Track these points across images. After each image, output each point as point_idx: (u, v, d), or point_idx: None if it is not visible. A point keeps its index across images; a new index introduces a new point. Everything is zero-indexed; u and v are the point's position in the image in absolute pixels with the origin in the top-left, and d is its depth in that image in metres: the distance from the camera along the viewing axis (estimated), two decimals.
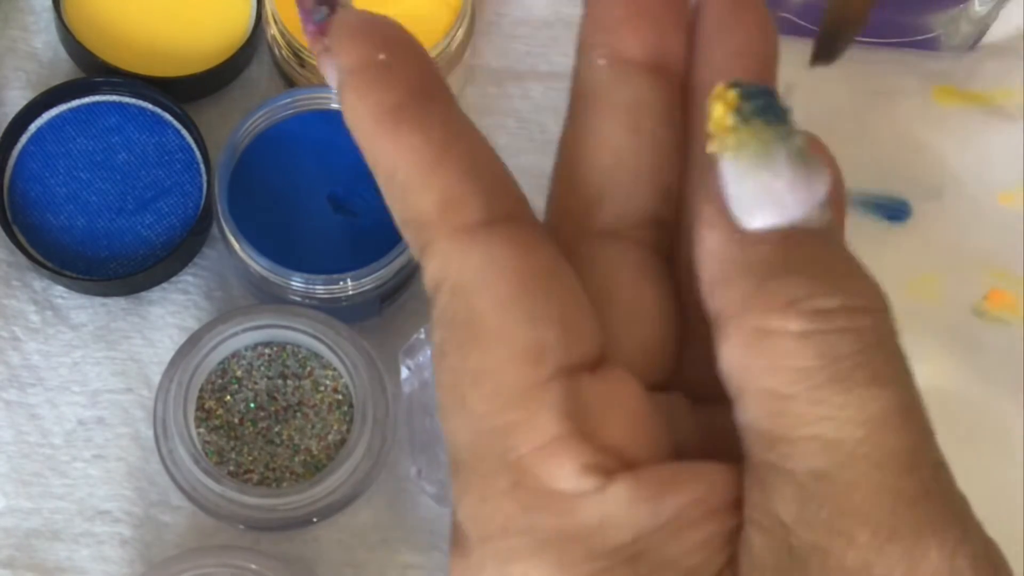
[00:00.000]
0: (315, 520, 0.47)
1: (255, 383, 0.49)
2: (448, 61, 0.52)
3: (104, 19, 0.53)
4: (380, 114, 0.24)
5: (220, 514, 0.47)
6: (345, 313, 0.49)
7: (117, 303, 0.52)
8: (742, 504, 0.23)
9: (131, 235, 0.51)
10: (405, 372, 0.48)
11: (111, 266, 0.51)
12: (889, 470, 0.22)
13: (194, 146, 0.52)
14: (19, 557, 0.49)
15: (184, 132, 0.52)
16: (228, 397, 0.49)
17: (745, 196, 0.23)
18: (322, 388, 0.49)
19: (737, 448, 0.24)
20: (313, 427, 0.48)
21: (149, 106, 0.52)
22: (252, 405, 0.49)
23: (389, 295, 0.50)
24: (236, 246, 0.49)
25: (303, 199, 0.50)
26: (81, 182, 0.51)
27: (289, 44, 0.52)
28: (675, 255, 0.27)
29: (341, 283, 0.48)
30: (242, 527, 0.47)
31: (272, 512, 0.47)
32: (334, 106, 0.51)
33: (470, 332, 0.23)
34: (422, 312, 0.53)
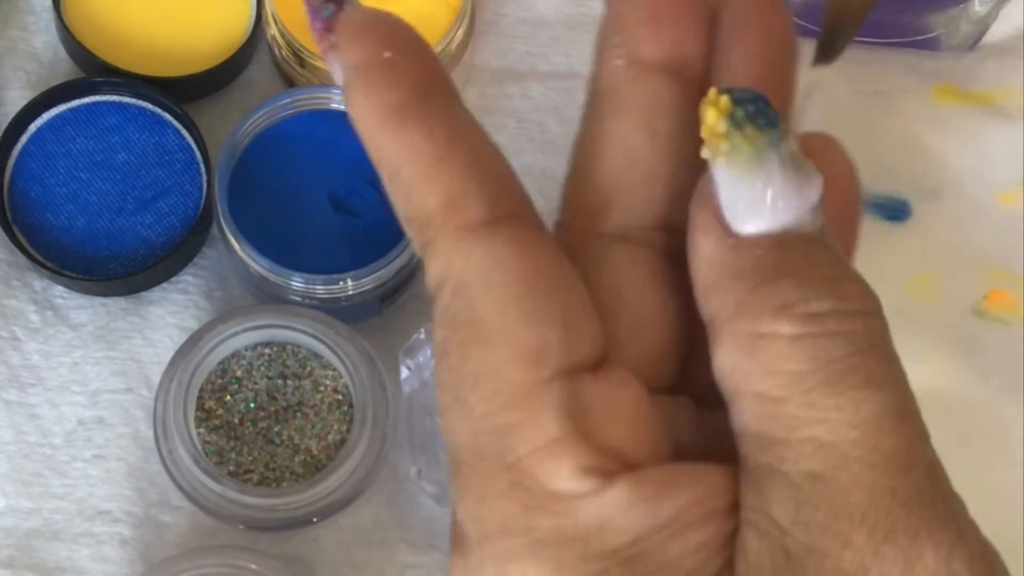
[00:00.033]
0: (315, 520, 0.47)
1: (255, 383, 0.49)
2: (448, 61, 0.52)
3: (104, 19, 0.53)
4: (385, 112, 0.24)
5: (220, 514, 0.47)
6: (345, 313, 0.49)
7: (117, 303, 0.52)
8: (740, 507, 0.23)
9: (131, 235, 0.51)
10: (405, 372, 0.48)
11: (111, 266, 0.51)
12: (883, 471, 0.22)
13: (194, 146, 0.52)
14: (19, 557, 0.49)
15: (184, 132, 0.52)
16: (228, 397, 0.49)
17: (738, 201, 0.23)
18: (322, 388, 0.49)
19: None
20: (313, 427, 0.48)
21: (149, 106, 0.52)
22: (252, 405, 0.49)
23: (389, 295, 0.50)
24: (236, 246, 0.49)
25: (303, 199, 0.50)
26: (81, 182, 0.51)
27: (289, 44, 0.52)
28: (686, 260, 0.27)
29: (341, 283, 0.48)
30: (242, 527, 0.47)
31: (272, 512, 0.47)
32: (334, 106, 0.51)
33: (471, 332, 0.23)
34: (422, 312, 0.53)
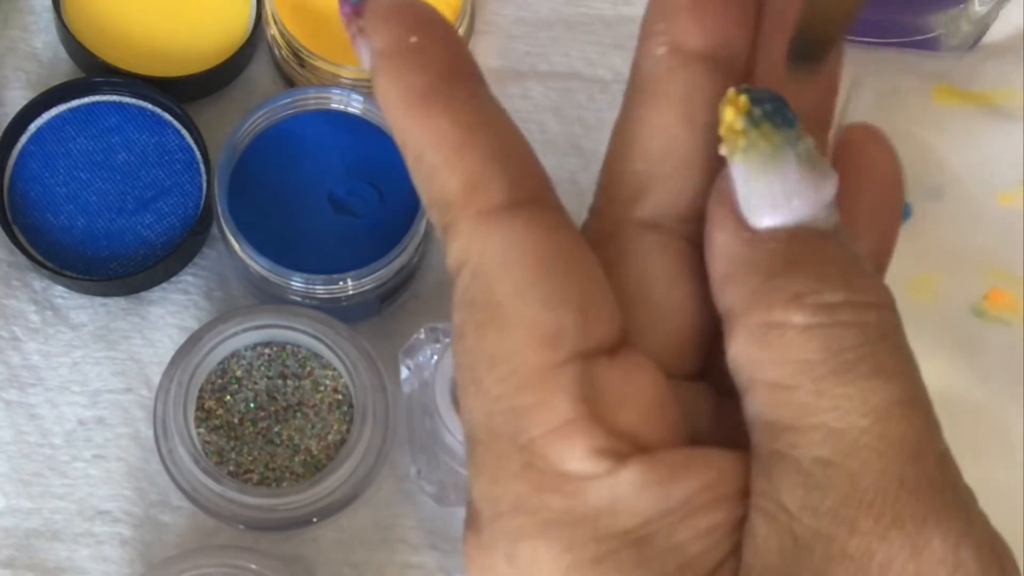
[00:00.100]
0: (315, 520, 0.47)
1: (255, 383, 0.49)
2: None
3: (104, 19, 0.53)
4: (410, 97, 0.24)
5: (220, 514, 0.47)
6: (345, 313, 0.49)
7: (117, 303, 0.52)
8: (750, 493, 0.23)
9: (131, 235, 0.51)
10: (405, 372, 0.48)
11: (111, 266, 0.51)
12: (892, 459, 0.22)
13: (194, 146, 0.52)
14: (19, 557, 0.49)
15: (184, 132, 0.52)
16: (228, 397, 0.49)
17: (754, 196, 0.23)
18: (322, 388, 0.49)
19: None
20: (313, 427, 0.48)
21: (149, 106, 0.52)
22: (252, 405, 0.49)
23: (389, 295, 0.50)
24: (236, 246, 0.49)
25: (303, 199, 0.50)
26: (81, 182, 0.51)
27: (289, 44, 0.52)
28: None
29: (341, 283, 0.48)
30: (242, 527, 0.47)
31: (272, 512, 0.47)
32: (334, 106, 0.51)
33: (488, 314, 0.23)
34: (422, 312, 0.53)
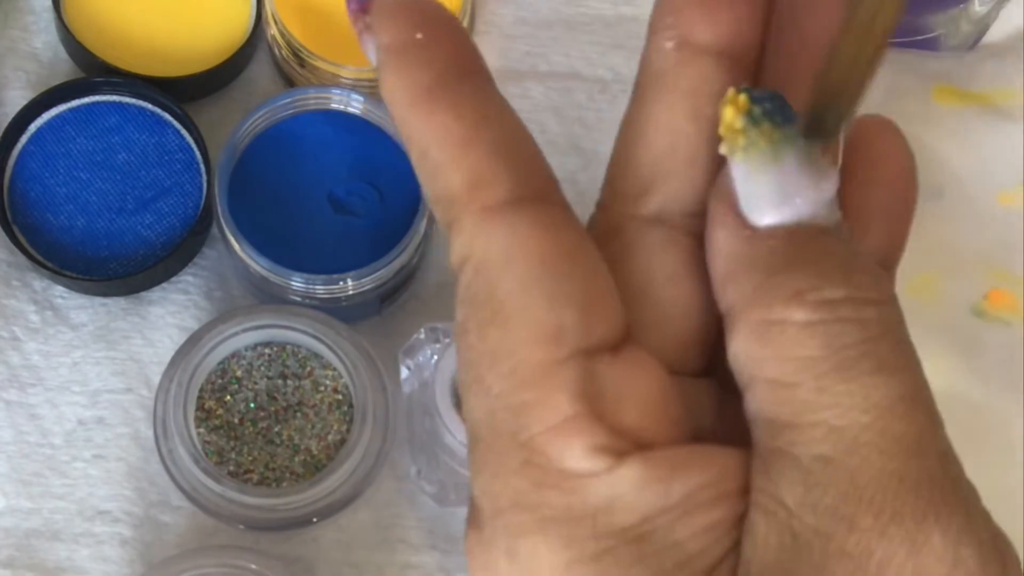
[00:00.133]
0: (315, 520, 0.47)
1: (255, 383, 0.49)
2: None
3: (104, 19, 0.53)
4: (415, 93, 0.24)
5: (220, 514, 0.47)
6: (345, 313, 0.49)
7: (117, 303, 0.52)
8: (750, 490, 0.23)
9: (131, 235, 0.51)
10: (405, 372, 0.48)
11: (111, 266, 0.51)
12: (893, 456, 0.22)
13: (194, 146, 0.52)
14: (19, 557, 0.49)
15: (184, 132, 0.52)
16: (228, 397, 0.49)
17: (754, 194, 0.23)
18: (322, 388, 0.49)
19: None
20: (313, 427, 0.48)
21: (149, 106, 0.52)
22: (252, 405, 0.49)
23: (389, 295, 0.50)
24: (236, 246, 0.49)
25: (303, 199, 0.50)
26: (81, 182, 0.51)
27: (289, 44, 0.52)
28: None
29: (341, 283, 0.48)
30: (242, 527, 0.47)
31: (272, 512, 0.47)
32: (334, 106, 0.51)
33: (490, 311, 0.23)
34: (422, 312, 0.53)
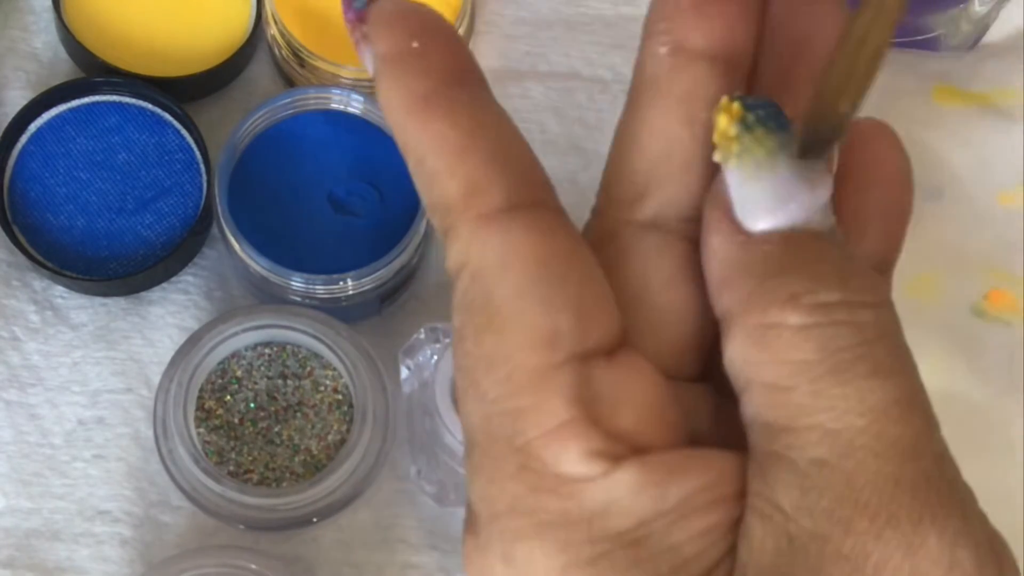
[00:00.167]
0: (315, 520, 0.47)
1: (255, 383, 0.49)
2: None
3: (104, 19, 0.53)
4: (411, 101, 0.24)
5: (220, 514, 0.47)
6: (345, 313, 0.49)
7: (117, 303, 0.52)
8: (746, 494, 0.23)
9: (131, 235, 0.51)
10: (405, 372, 0.48)
11: (111, 266, 0.51)
12: (889, 459, 0.22)
13: (194, 146, 0.52)
14: (19, 557, 0.49)
15: (184, 132, 0.52)
16: (228, 397, 0.49)
17: (749, 200, 0.23)
18: (322, 388, 0.49)
19: None
20: (313, 427, 0.48)
21: (149, 106, 0.52)
22: (252, 405, 0.49)
23: (389, 295, 0.50)
24: (236, 246, 0.49)
25: (303, 199, 0.50)
26: (81, 182, 0.51)
27: (289, 44, 0.52)
28: None
29: (341, 283, 0.48)
30: (242, 527, 0.47)
31: (272, 512, 0.47)
32: (334, 106, 0.51)
33: (486, 317, 0.23)
34: (422, 312, 0.53)
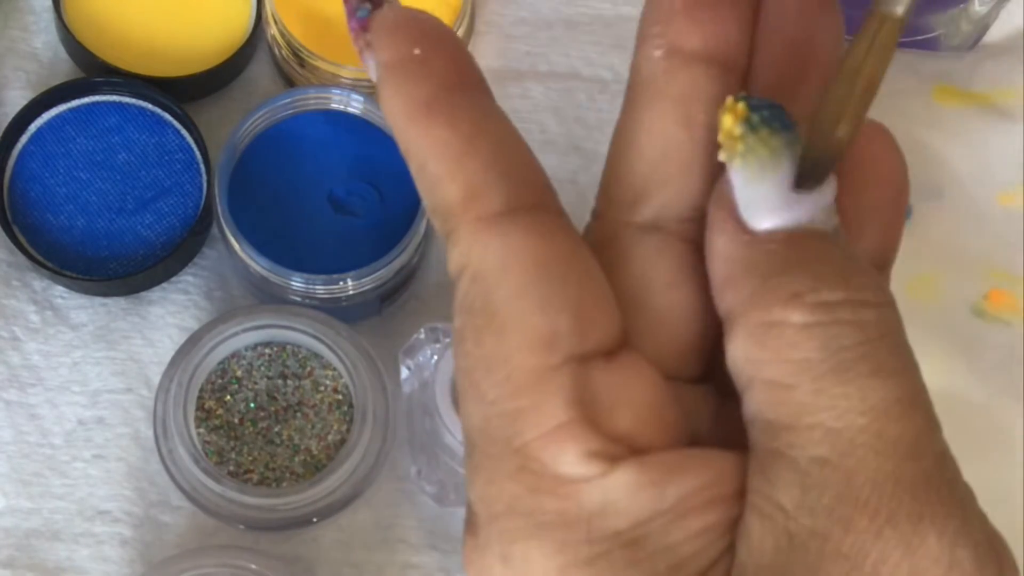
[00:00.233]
0: (315, 520, 0.47)
1: (255, 383, 0.49)
2: None
3: (104, 19, 0.53)
4: (412, 108, 0.24)
5: (220, 514, 0.47)
6: (345, 313, 0.49)
7: (117, 303, 0.52)
8: (746, 493, 0.23)
9: (131, 235, 0.51)
10: (405, 372, 0.48)
11: (111, 266, 0.51)
12: (889, 458, 0.22)
13: (194, 146, 0.52)
14: (19, 557, 0.49)
15: (184, 132, 0.52)
16: (228, 397, 0.49)
17: (753, 200, 0.24)
18: (322, 388, 0.49)
19: None
20: (313, 427, 0.48)
21: (149, 106, 0.52)
22: (252, 405, 0.49)
23: (389, 295, 0.50)
24: (236, 246, 0.49)
25: (303, 199, 0.50)
26: (81, 182, 0.51)
27: (289, 44, 0.52)
28: None
29: (341, 283, 0.48)
30: (242, 527, 0.47)
31: (272, 512, 0.47)
32: (334, 106, 0.51)
33: (486, 319, 0.23)
34: (422, 312, 0.53)
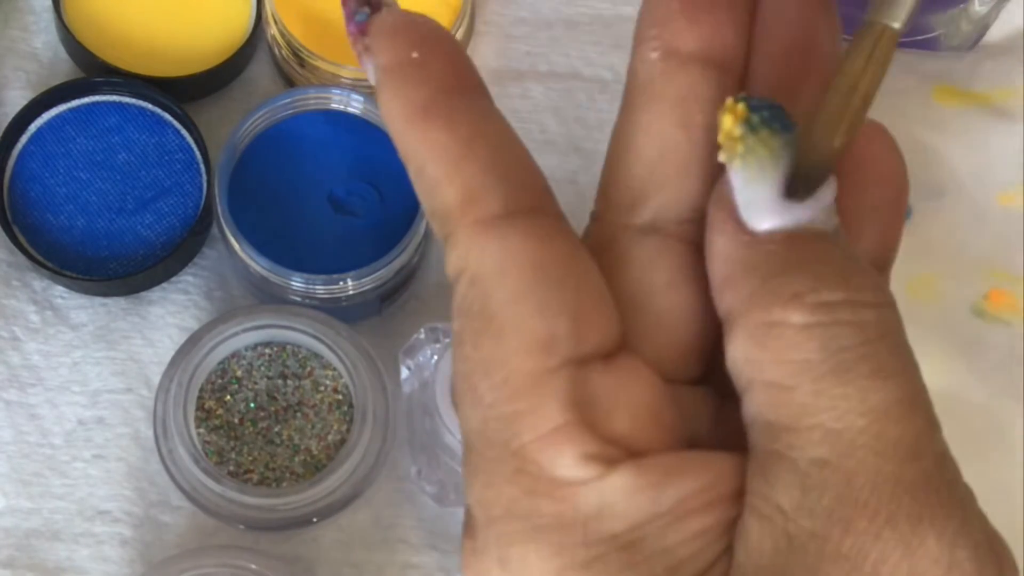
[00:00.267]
0: (315, 520, 0.47)
1: (255, 383, 0.49)
2: None
3: (104, 19, 0.53)
4: (410, 111, 0.24)
5: (220, 514, 0.47)
6: (345, 313, 0.49)
7: (117, 303, 0.52)
8: (744, 494, 0.23)
9: (131, 235, 0.51)
10: (405, 372, 0.48)
11: (111, 266, 0.51)
12: (889, 459, 0.22)
13: (194, 146, 0.52)
14: (19, 557, 0.49)
15: (184, 132, 0.52)
16: (228, 397, 0.49)
17: (753, 201, 0.24)
18: (322, 388, 0.49)
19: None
20: (313, 427, 0.48)
21: (149, 106, 0.52)
22: (252, 405, 0.49)
23: (389, 295, 0.50)
24: (236, 246, 0.49)
25: (303, 199, 0.50)
26: (81, 182, 0.51)
27: (289, 44, 0.52)
28: None
29: (341, 283, 0.48)
30: (242, 527, 0.47)
31: (272, 512, 0.47)
32: (334, 106, 0.51)
33: (484, 322, 0.24)
34: (422, 312, 0.53)
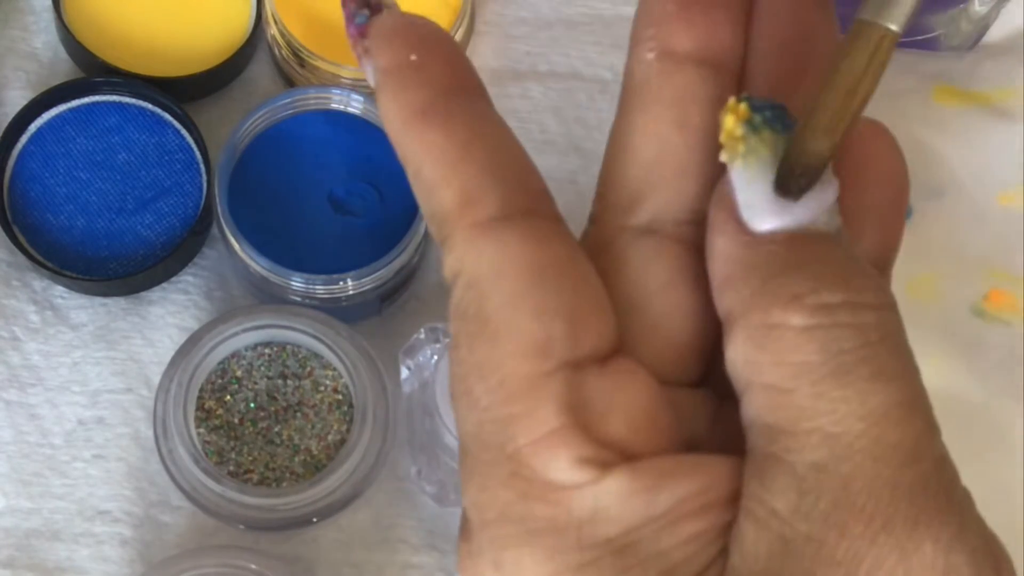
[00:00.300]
0: (315, 520, 0.47)
1: (255, 383, 0.49)
2: None
3: (104, 19, 0.53)
4: (408, 113, 0.24)
5: (220, 514, 0.47)
6: (345, 313, 0.49)
7: (117, 303, 0.52)
8: (740, 497, 0.23)
9: (131, 235, 0.51)
10: (405, 372, 0.48)
11: (111, 266, 0.51)
12: (887, 463, 0.22)
13: (194, 146, 0.52)
14: (19, 557, 0.49)
15: (184, 132, 0.52)
16: (228, 397, 0.49)
17: (754, 201, 0.24)
18: (322, 388, 0.49)
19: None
20: (313, 427, 0.48)
21: (149, 106, 0.52)
22: (252, 405, 0.49)
23: (389, 295, 0.50)
24: (236, 246, 0.49)
25: (303, 199, 0.50)
26: (81, 182, 0.51)
27: (289, 44, 0.52)
28: None
29: (341, 283, 0.48)
30: (242, 527, 0.47)
31: (272, 512, 0.47)
32: (334, 106, 0.51)
33: (480, 324, 0.23)
34: (422, 312, 0.53)
